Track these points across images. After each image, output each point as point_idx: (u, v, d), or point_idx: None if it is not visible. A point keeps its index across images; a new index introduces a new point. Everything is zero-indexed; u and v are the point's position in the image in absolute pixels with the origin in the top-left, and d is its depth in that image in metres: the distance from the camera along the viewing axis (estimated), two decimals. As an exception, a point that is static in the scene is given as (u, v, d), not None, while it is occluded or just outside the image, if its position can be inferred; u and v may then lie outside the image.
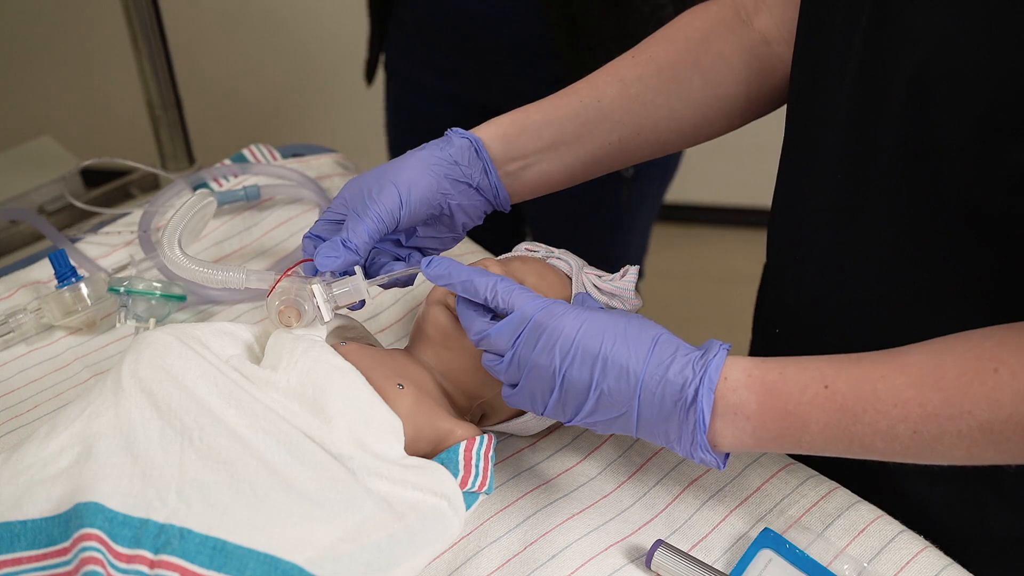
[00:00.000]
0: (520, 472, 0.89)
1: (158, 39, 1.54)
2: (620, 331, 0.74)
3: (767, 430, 0.72)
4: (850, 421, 0.69)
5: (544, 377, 0.75)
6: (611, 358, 0.73)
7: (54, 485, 0.73)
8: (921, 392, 0.68)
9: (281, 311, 0.83)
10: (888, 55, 0.73)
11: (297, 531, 0.71)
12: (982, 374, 0.66)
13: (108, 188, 1.45)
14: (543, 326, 0.75)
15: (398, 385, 0.81)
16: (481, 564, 0.80)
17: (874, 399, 0.69)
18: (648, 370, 0.73)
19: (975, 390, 0.66)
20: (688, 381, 0.72)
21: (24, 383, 0.98)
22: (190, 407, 0.76)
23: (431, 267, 0.80)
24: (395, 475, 0.75)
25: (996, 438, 0.66)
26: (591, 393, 0.74)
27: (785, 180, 0.90)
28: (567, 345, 0.74)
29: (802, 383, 0.71)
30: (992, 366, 0.66)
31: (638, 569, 0.81)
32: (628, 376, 0.73)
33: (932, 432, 0.67)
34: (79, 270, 1.05)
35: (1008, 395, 0.65)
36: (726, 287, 2.59)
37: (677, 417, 0.72)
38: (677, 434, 0.73)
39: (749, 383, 0.72)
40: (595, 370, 0.73)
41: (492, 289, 0.77)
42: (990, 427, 0.66)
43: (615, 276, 0.89)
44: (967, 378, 0.67)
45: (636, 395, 0.73)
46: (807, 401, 0.70)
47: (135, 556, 0.69)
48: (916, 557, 0.82)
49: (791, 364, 0.72)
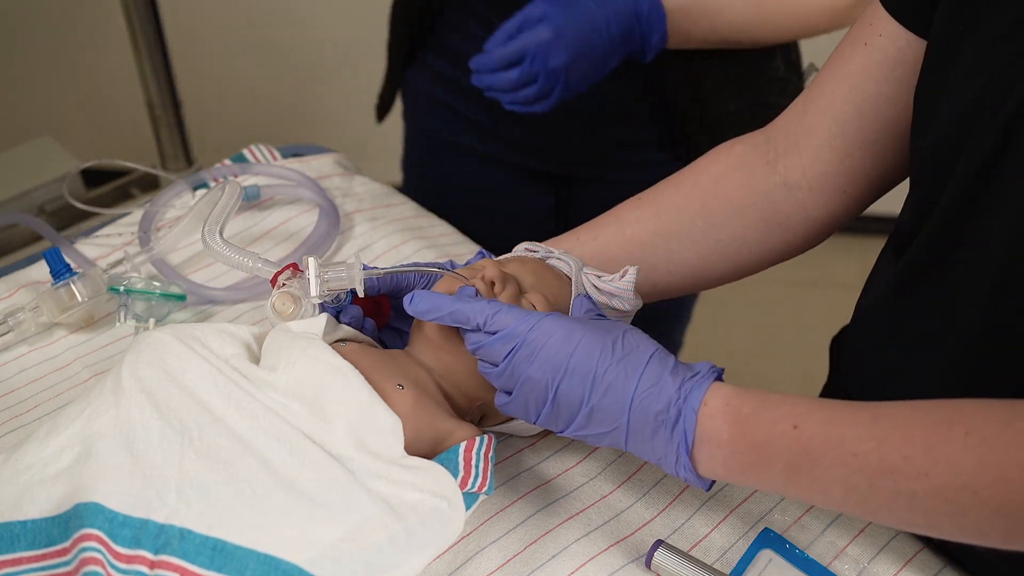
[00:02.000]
0: (520, 472, 0.89)
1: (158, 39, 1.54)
2: (614, 348, 0.74)
3: (736, 461, 0.72)
4: (811, 464, 0.68)
5: (537, 390, 0.76)
6: (603, 376, 0.74)
7: (54, 485, 0.73)
8: (883, 445, 0.65)
9: (278, 297, 0.84)
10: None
11: (297, 531, 0.71)
12: (949, 436, 0.64)
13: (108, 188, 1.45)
14: (537, 343, 0.75)
15: (398, 385, 0.81)
16: (481, 564, 0.80)
17: (837, 445, 0.67)
18: (639, 389, 0.73)
19: (938, 451, 0.64)
20: (672, 402, 0.72)
21: (24, 383, 0.98)
22: (190, 407, 0.76)
23: (414, 303, 0.80)
24: (395, 475, 0.75)
25: (951, 507, 0.63)
26: (583, 408, 0.74)
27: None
28: (561, 361, 0.74)
29: (773, 419, 0.70)
30: (963, 430, 0.63)
31: (638, 569, 0.81)
32: (619, 394, 0.73)
33: (888, 489, 0.65)
34: (74, 267, 1.05)
35: (970, 462, 0.62)
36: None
37: (663, 436, 0.73)
38: (663, 452, 0.74)
39: (725, 412, 0.72)
40: (587, 387, 0.74)
41: (483, 314, 0.77)
42: (944, 493, 0.63)
43: (615, 276, 0.89)
44: (933, 439, 0.64)
45: (627, 413, 0.73)
46: (775, 437, 0.70)
47: (135, 556, 0.69)
48: (915, 557, 0.82)
49: (771, 399, 0.72)
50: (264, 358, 0.83)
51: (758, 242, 0.93)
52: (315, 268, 0.83)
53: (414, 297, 0.80)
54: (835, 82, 0.87)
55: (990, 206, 0.70)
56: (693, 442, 0.72)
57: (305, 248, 1.11)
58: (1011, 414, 0.63)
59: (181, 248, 1.13)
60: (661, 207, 0.94)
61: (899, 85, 0.83)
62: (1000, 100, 0.68)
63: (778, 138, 0.92)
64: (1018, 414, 0.63)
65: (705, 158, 0.96)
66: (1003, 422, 0.63)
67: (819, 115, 0.89)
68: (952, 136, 0.73)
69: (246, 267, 0.91)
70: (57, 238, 1.11)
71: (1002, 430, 0.62)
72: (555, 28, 1.11)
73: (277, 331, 0.84)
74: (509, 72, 1.14)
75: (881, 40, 0.84)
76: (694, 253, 0.93)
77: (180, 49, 1.67)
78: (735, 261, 0.94)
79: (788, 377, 2.45)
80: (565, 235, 0.96)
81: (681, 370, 0.74)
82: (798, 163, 0.91)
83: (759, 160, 0.93)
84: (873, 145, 0.87)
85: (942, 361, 0.77)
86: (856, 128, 0.87)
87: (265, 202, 1.19)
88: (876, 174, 0.89)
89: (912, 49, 0.81)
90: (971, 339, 0.74)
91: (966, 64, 0.72)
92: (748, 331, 2.61)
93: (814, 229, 0.93)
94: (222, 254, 0.92)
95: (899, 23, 0.82)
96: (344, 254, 1.14)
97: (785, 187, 0.92)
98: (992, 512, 0.62)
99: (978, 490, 0.62)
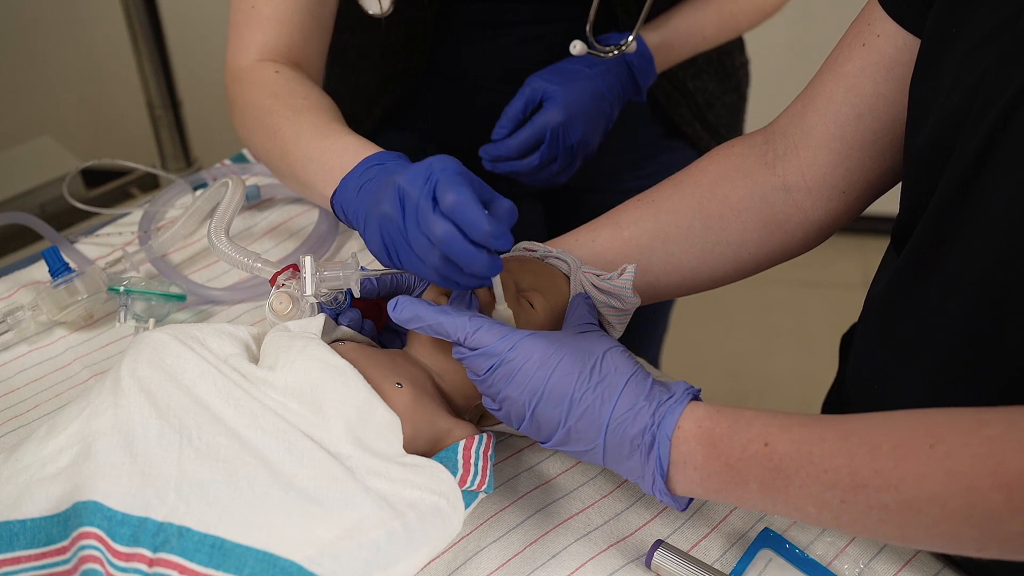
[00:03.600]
0: (520, 472, 0.89)
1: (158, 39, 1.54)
2: (591, 373, 0.75)
3: (712, 482, 0.72)
4: (784, 482, 0.69)
5: (516, 407, 0.77)
6: (580, 401, 0.74)
7: (53, 484, 0.73)
8: (853, 460, 0.66)
9: (276, 297, 0.85)
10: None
11: (296, 529, 0.71)
12: (916, 449, 0.64)
13: (108, 188, 1.45)
14: (515, 365, 0.76)
15: (396, 384, 0.81)
16: (481, 564, 0.80)
17: (808, 462, 0.67)
18: (614, 414, 0.74)
19: (906, 464, 0.64)
20: (647, 427, 0.73)
21: (24, 383, 0.98)
22: (189, 406, 0.76)
23: (397, 310, 0.79)
24: (394, 473, 0.75)
25: (923, 519, 0.63)
26: (559, 429, 0.76)
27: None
28: (537, 385, 0.75)
29: (746, 439, 0.70)
30: (929, 442, 0.63)
31: (638, 569, 0.81)
32: (595, 418, 0.74)
33: (860, 503, 0.66)
34: (73, 266, 1.05)
35: (937, 473, 0.62)
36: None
37: (639, 459, 0.74)
38: (640, 474, 0.75)
39: (699, 434, 0.72)
40: (563, 410, 0.75)
41: (463, 331, 0.77)
42: (914, 505, 0.63)
43: (613, 275, 0.89)
44: (900, 451, 0.64)
45: (602, 435, 0.74)
46: (748, 458, 0.70)
47: (134, 554, 0.70)
48: (915, 558, 0.82)
49: (743, 417, 0.72)
50: (263, 358, 0.83)
51: (757, 243, 0.93)
52: (311, 267, 0.83)
53: (398, 303, 0.79)
54: (833, 83, 0.87)
55: (979, 204, 0.70)
56: (668, 465, 0.73)
57: (305, 248, 1.11)
58: (977, 423, 0.63)
59: (181, 248, 1.13)
60: (660, 208, 0.94)
61: (897, 85, 0.83)
62: (986, 102, 0.68)
63: (777, 139, 0.92)
64: (984, 422, 0.63)
65: (704, 159, 0.96)
66: (969, 432, 0.63)
67: (817, 116, 0.89)
68: (942, 136, 0.73)
69: (247, 267, 0.91)
70: (57, 238, 1.11)
71: (968, 440, 0.63)
72: (564, 107, 1.11)
73: (276, 331, 0.84)
74: (530, 159, 1.14)
75: (879, 41, 0.84)
76: (693, 255, 0.93)
77: (180, 49, 1.67)
78: (734, 262, 0.94)
79: (788, 377, 2.45)
80: (564, 236, 0.96)
81: (657, 393, 0.75)
82: (797, 165, 0.91)
83: (758, 162, 0.93)
84: (872, 146, 0.87)
85: (939, 355, 0.78)
86: (855, 129, 0.87)
87: (265, 202, 1.19)
88: (875, 174, 0.89)
89: (910, 49, 0.81)
90: (965, 333, 0.75)
91: (955, 65, 0.72)
92: (748, 331, 2.61)
93: (813, 230, 0.93)
94: (225, 253, 0.92)
95: (897, 23, 0.82)
96: (344, 254, 1.14)
97: (784, 189, 0.92)
98: (961, 522, 0.62)
99: (946, 501, 0.62)
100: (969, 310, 0.73)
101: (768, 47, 2.48)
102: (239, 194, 1.01)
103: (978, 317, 0.73)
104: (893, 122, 0.85)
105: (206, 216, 1.14)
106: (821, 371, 1.04)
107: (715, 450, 0.71)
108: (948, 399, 0.77)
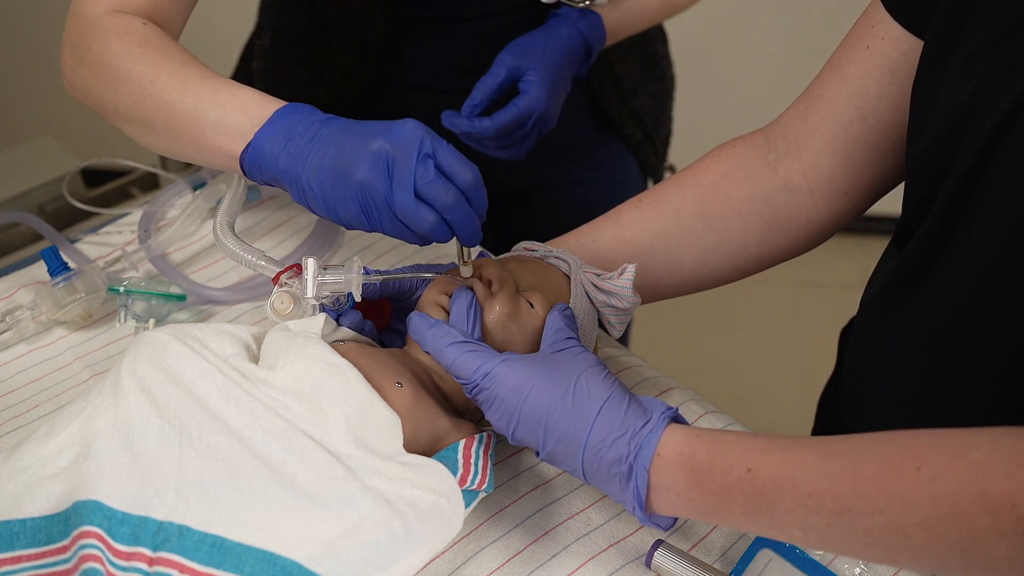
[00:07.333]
0: (520, 472, 0.89)
1: (158, 39, 1.53)
2: (565, 398, 0.75)
3: (696, 506, 0.72)
4: (768, 507, 0.68)
5: (499, 426, 0.78)
6: (555, 427, 0.75)
7: (53, 484, 0.74)
8: (836, 484, 0.65)
9: (277, 296, 0.85)
10: None
11: (296, 528, 0.71)
12: (901, 472, 0.63)
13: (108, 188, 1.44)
14: (491, 391, 0.76)
15: (397, 383, 0.81)
16: (481, 564, 0.80)
17: (791, 487, 0.67)
18: (589, 441, 0.74)
19: (891, 488, 0.63)
20: (623, 457, 0.73)
21: (24, 383, 0.98)
22: (189, 406, 0.76)
23: (410, 330, 0.83)
24: (394, 472, 0.75)
25: (909, 543, 0.63)
26: (540, 452, 0.76)
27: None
28: (512, 411, 0.76)
29: (727, 466, 0.70)
30: (914, 464, 0.63)
31: (638, 569, 0.81)
32: (571, 445, 0.74)
33: (845, 527, 0.65)
34: (72, 265, 1.05)
35: (924, 497, 0.62)
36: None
37: (618, 486, 0.74)
38: (620, 499, 0.75)
39: (679, 461, 0.72)
40: (539, 436, 0.75)
41: (448, 359, 0.79)
42: (900, 529, 0.63)
43: (613, 274, 0.89)
44: (885, 475, 0.64)
45: (580, 459, 0.74)
46: (730, 484, 0.70)
47: (134, 553, 0.70)
48: (916, 557, 0.82)
49: (724, 441, 0.71)
50: (263, 357, 0.83)
51: (758, 244, 0.93)
52: (313, 270, 0.83)
53: (411, 322, 0.83)
54: (837, 84, 0.87)
55: (979, 210, 0.70)
56: (649, 491, 0.73)
57: (305, 248, 1.11)
58: (963, 446, 0.63)
59: (181, 247, 1.13)
60: (661, 209, 0.94)
61: (900, 88, 0.83)
62: (985, 109, 0.68)
63: (778, 139, 0.92)
64: (971, 445, 0.63)
65: (706, 159, 0.96)
66: (955, 455, 0.62)
67: (820, 117, 0.89)
68: (942, 142, 0.73)
69: (252, 264, 0.90)
70: (57, 237, 1.11)
71: (953, 463, 0.62)
72: (549, 90, 1.11)
73: (276, 330, 0.84)
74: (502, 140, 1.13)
75: (883, 43, 0.84)
76: (694, 255, 0.93)
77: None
78: (735, 262, 0.94)
79: (788, 377, 2.45)
80: (565, 236, 0.96)
81: (632, 419, 0.74)
82: (799, 166, 0.91)
83: (759, 162, 0.93)
84: (875, 148, 0.87)
85: (933, 356, 0.78)
86: (857, 131, 0.87)
87: (265, 202, 1.19)
88: (878, 176, 0.89)
89: (914, 52, 0.81)
90: (959, 336, 0.75)
91: (955, 71, 0.72)
92: (748, 331, 2.61)
93: (815, 231, 0.93)
94: (231, 249, 0.91)
95: (901, 26, 0.82)
96: (344, 254, 1.14)
97: (786, 190, 0.92)
98: (948, 546, 0.62)
99: (932, 525, 0.62)
100: (965, 314, 0.73)
101: (768, 47, 2.48)
102: (242, 189, 1.01)
103: (973, 321, 0.73)
104: (896, 124, 0.85)
105: (206, 215, 1.14)
106: (820, 370, 1.04)
107: (696, 476, 0.71)
108: (941, 399, 0.77)
